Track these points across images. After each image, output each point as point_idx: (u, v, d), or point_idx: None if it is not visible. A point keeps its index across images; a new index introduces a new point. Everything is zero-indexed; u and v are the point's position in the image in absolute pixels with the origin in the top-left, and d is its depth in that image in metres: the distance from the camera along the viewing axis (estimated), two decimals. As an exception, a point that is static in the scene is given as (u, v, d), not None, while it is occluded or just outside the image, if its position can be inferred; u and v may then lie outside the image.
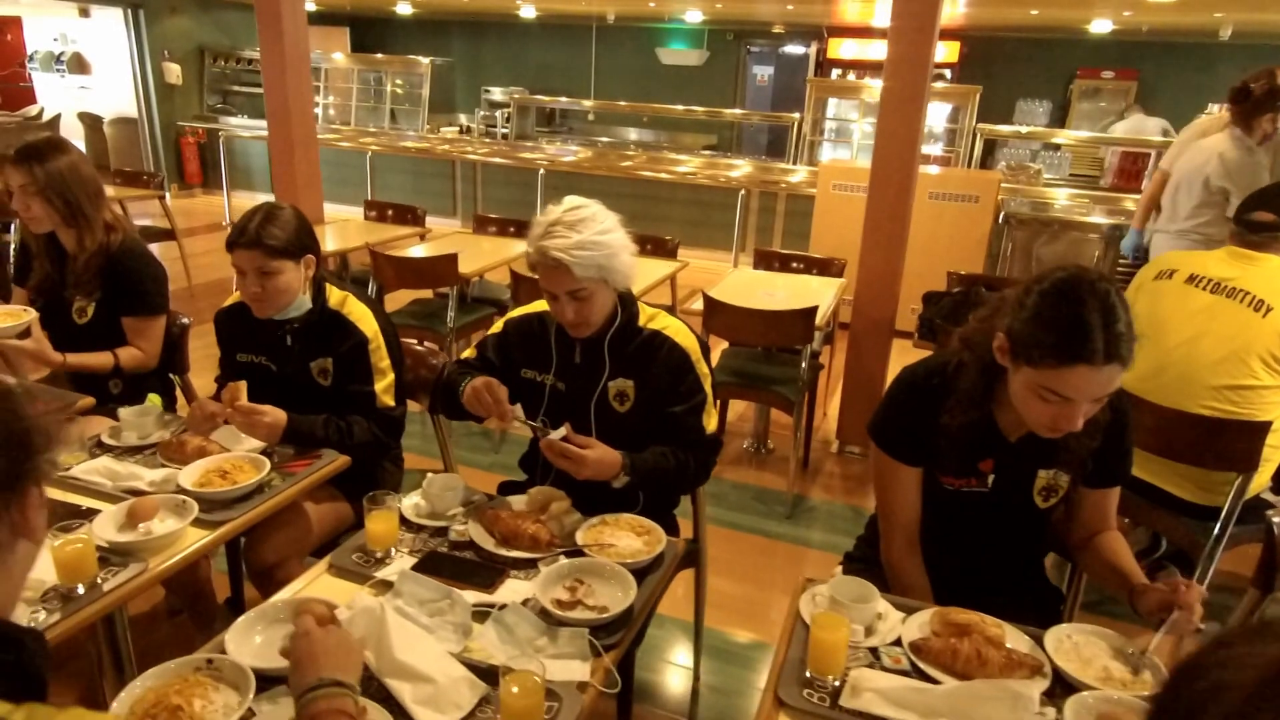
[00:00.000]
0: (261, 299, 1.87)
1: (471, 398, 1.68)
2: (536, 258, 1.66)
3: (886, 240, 3.47)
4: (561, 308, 1.70)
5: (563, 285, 1.65)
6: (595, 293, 1.69)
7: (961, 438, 1.46)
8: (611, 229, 1.68)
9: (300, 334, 1.96)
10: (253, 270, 1.83)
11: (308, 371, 1.98)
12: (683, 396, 1.77)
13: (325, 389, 1.98)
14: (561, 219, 1.65)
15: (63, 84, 11.43)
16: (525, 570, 1.48)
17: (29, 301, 2.29)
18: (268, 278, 1.83)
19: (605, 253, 1.65)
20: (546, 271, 1.66)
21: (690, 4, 8.27)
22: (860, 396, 3.73)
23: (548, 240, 1.63)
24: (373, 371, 1.96)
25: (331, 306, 1.98)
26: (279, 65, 4.17)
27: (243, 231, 1.81)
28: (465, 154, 7.82)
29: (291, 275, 1.87)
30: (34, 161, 2.09)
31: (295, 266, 1.87)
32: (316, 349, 1.97)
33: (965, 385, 1.43)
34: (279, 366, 1.99)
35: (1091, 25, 7.45)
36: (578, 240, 1.61)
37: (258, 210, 1.86)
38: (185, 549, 1.48)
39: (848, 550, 1.86)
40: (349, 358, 1.95)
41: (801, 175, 7.02)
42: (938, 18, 3.20)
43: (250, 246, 1.81)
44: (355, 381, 1.95)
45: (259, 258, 1.81)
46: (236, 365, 2.05)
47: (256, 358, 2.02)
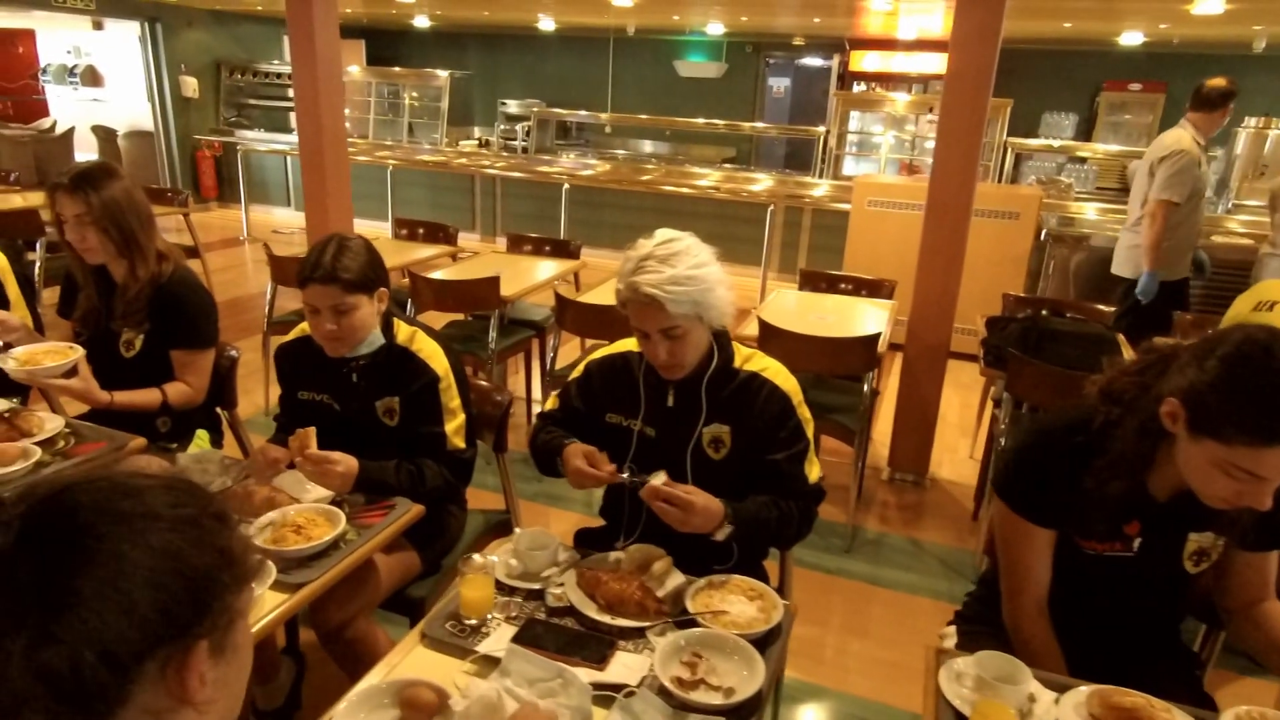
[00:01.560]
0: (337, 337, 1.76)
1: (576, 480, 1.60)
2: (627, 294, 1.55)
3: (944, 261, 3.36)
4: (654, 347, 1.59)
5: (656, 323, 1.55)
6: (690, 331, 1.58)
7: (1107, 501, 1.34)
8: (706, 263, 1.58)
9: (368, 371, 1.86)
10: (328, 307, 1.72)
11: (373, 411, 1.87)
12: (784, 443, 1.65)
13: (391, 429, 1.87)
14: (654, 253, 1.54)
15: (75, 96, 11.39)
16: (634, 641, 1.36)
17: (74, 334, 2.19)
18: (343, 315, 1.73)
19: (700, 288, 1.54)
20: (638, 308, 1.55)
21: (713, 16, 8.20)
22: (914, 422, 3.62)
23: (640, 275, 1.52)
24: (443, 412, 1.85)
25: (400, 343, 1.88)
26: (311, 81, 4.07)
27: (316, 266, 1.71)
28: (485, 169, 7.73)
29: (366, 310, 1.77)
30: (89, 189, 1.98)
31: (369, 300, 1.77)
32: (384, 388, 1.86)
33: (1122, 450, 1.29)
34: (343, 406, 1.89)
35: (1121, 37, 7.36)
36: (671, 275, 1.51)
37: (327, 242, 1.75)
38: (266, 615, 1.37)
39: (958, 609, 1.73)
40: (419, 397, 1.85)
41: (824, 189, 6.93)
42: (1000, 28, 3.10)
43: (326, 282, 1.70)
44: (425, 422, 1.85)
45: (335, 293, 1.70)
46: (297, 404, 1.94)
47: (319, 396, 1.91)
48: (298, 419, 1.94)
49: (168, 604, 0.60)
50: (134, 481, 0.64)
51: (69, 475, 0.64)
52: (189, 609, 0.61)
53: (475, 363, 3.61)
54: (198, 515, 0.64)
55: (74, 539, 0.58)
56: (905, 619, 2.74)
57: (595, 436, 1.71)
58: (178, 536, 0.62)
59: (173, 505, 0.63)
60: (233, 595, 0.66)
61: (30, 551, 0.57)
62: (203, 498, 0.67)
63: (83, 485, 0.62)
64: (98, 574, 0.57)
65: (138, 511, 0.61)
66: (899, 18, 7.55)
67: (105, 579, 0.57)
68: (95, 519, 0.60)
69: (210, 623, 0.63)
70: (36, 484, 0.63)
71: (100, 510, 0.60)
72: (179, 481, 0.67)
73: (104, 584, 0.57)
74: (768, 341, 3.05)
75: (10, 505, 0.60)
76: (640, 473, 1.74)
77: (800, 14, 7.77)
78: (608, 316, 3.28)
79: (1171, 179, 3.66)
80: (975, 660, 1.27)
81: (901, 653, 2.55)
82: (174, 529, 0.62)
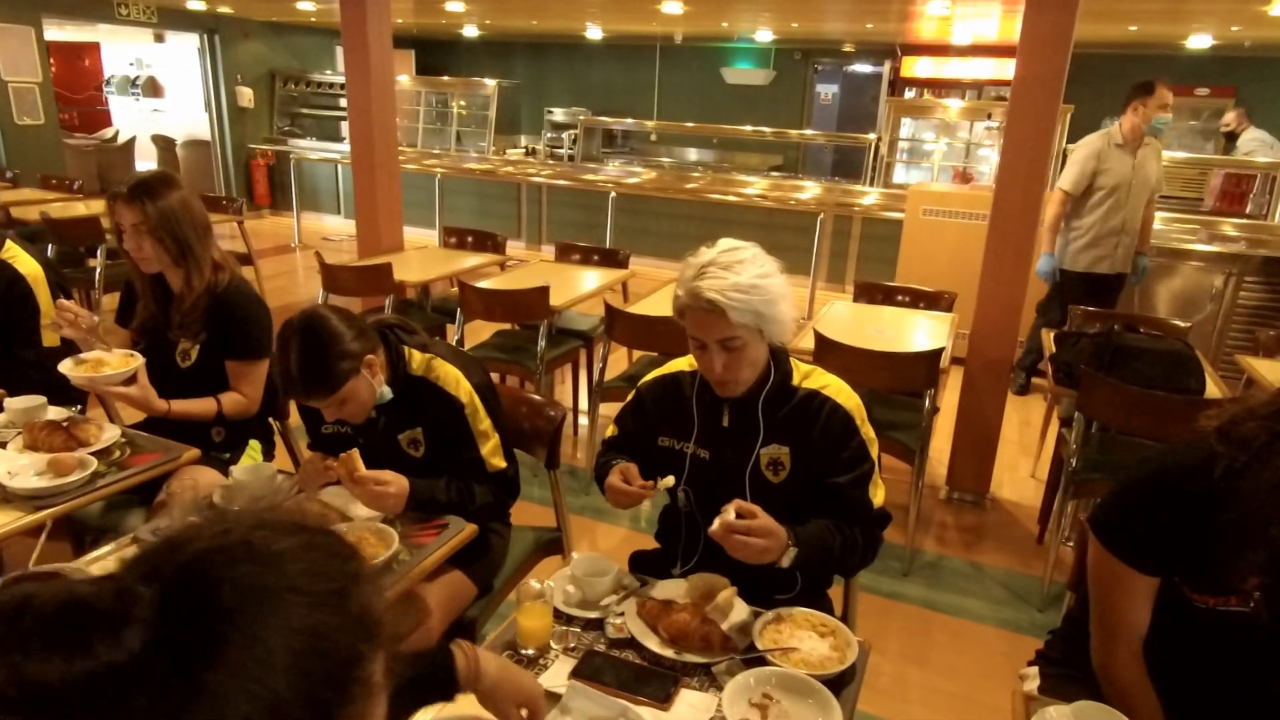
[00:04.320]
0: (350, 416, 1.69)
1: (612, 498, 1.56)
2: (687, 300, 1.48)
3: (1009, 273, 3.23)
4: (710, 359, 1.52)
5: (714, 332, 1.47)
6: (749, 344, 1.50)
7: (1230, 560, 1.22)
8: (771, 274, 1.50)
9: (386, 409, 1.78)
10: (324, 407, 1.65)
11: (397, 445, 1.81)
12: (846, 465, 1.56)
13: (417, 460, 1.81)
14: (716, 260, 1.47)
15: (137, 107, 11.75)
16: (698, 677, 1.29)
17: (132, 343, 2.19)
18: (344, 405, 1.65)
19: (764, 298, 1.46)
20: (697, 316, 1.48)
21: (762, 23, 8.11)
22: (974, 439, 3.48)
23: (701, 281, 1.45)
24: (474, 436, 1.78)
25: (416, 373, 1.78)
26: (364, 92, 4.10)
27: (290, 383, 1.59)
28: (530, 177, 7.73)
29: (362, 388, 1.65)
30: (146, 199, 1.98)
31: (359, 377, 1.64)
32: (404, 420, 1.79)
33: (1253, 506, 1.16)
34: (366, 439, 1.81)
35: (1189, 40, 7.08)
36: (734, 283, 1.44)
37: (288, 345, 1.57)
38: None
39: (1039, 648, 1.62)
40: (444, 425, 1.77)
41: (874, 198, 6.78)
42: (1071, 33, 2.97)
43: (307, 397, 1.62)
44: (459, 450, 1.78)
45: (322, 399, 1.61)
46: (323, 438, 1.88)
47: (342, 429, 1.83)
48: (326, 452, 1.87)
49: (311, 690, 0.52)
50: (273, 547, 0.55)
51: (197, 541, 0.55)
52: (331, 690, 0.54)
53: (523, 373, 3.58)
54: (341, 584, 0.57)
55: (214, 626, 0.51)
56: (968, 648, 2.62)
57: (649, 461, 1.66)
58: (322, 613, 0.55)
59: (314, 574, 0.56)
60: (373, 665, 0.59)
61: (170, 644, 0.49)
62: (342, 557, 0.59)
63: (219, 557, 0.54)
64: (239, 663, 0.50)
65: (281, 586, 0.54)
66: (954, 23, 7.38)
67: (248, 669, 0.50)
68: (237, 600, 0.52)
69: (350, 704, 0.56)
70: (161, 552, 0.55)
71: (241, 588, 0.52)
72: (318, 538, 0.59)
73: (247, 676, 0.50)
74: (824, 355, 2.96)
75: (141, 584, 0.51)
76: (692, 497, 1.68)
77: (853, 20, 7.65)
78: (659, 328, 3.22)
79: (1066, 168, 4.18)
80: (1073, 712, 1.17)
81: (966, 685, 2.43)
82: (318, 604, 0.55)
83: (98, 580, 0.51)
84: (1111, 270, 4.17)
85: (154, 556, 0.54)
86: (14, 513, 1.65)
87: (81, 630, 0.48)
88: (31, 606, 0.48)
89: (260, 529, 0.56)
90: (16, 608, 0.49)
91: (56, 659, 0.47)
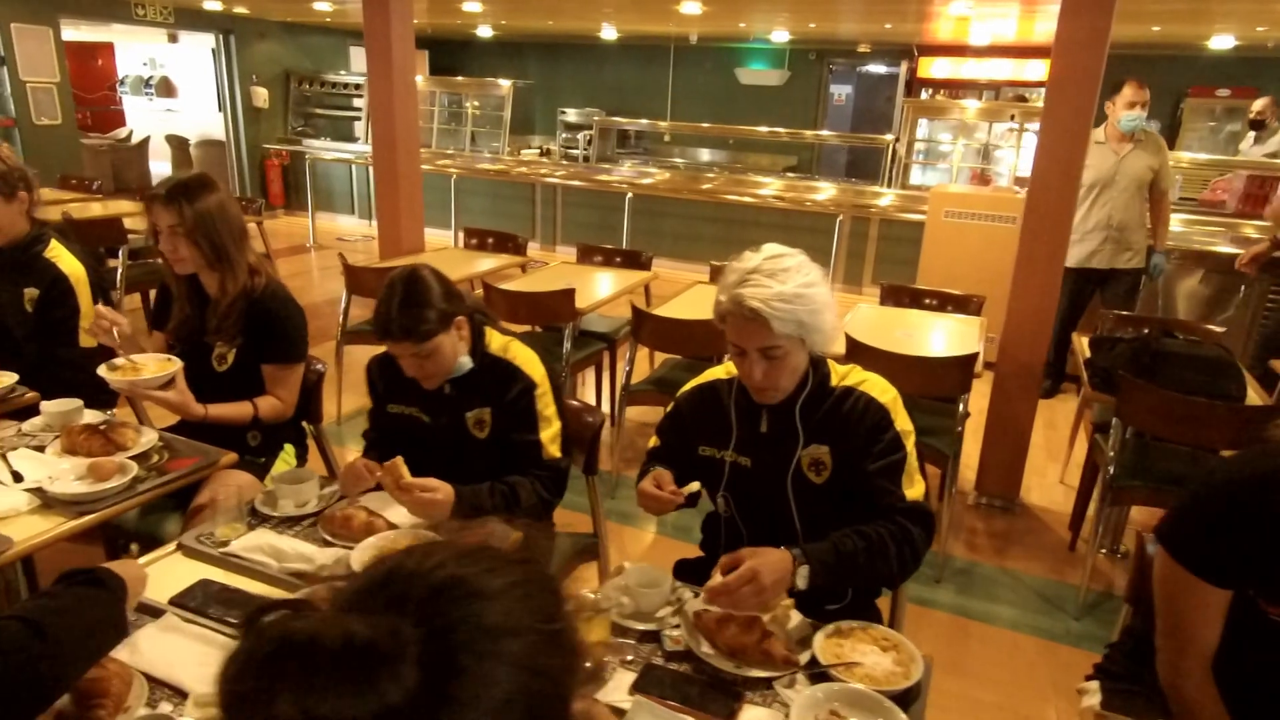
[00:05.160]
0: (428, 376, 1.75)
1: (642, 503, 1.57)
2: (729, 307, 1.46)
3: (1041, 277, 3.19)
4: (750, 367, 1.49)
5: (756, 340, 1.46)
6: (790, 353, 1.48)
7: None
8: (816, 283, 1.48)
9: (461, 382, 1.82)
10: (409, 356, 1.71)
11: (463, 423, 1.83)
12: (878, 455, 1.53)
13: (480, 441, 1.83)
14: (761, 267, 1.45)
15: (150, 107, 11.79)
16: (760, 692, 1.26)
17: (167, 346, 2.18)
18: (425, 358, 1.71)
19: (808, 308, 1.44)
20: (739, 324, 1.46)
21: (779, 24, 8.08)
22: (1004, 444, 3.44)
23: (745, 289, 1.43)
24: (538, 419, 1.81)
25: (494, 353, 1.84)
26: (386, 93, 4.08)
27: (387, 324, 1.67)
28: (544, 178, 7.70)
29: (447, 347, 1.73)
30: (183, 200, 1.96)
31: (448, 334, 1.72)
32: (476, 399, 1.83)
33: None
34: (432, 418, 1.85)
35: (1211, 41, 7.02)
36: (778, 291, 1.41)
37: (393, 290, 1.69)
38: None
39: (1097, 663, 1.59)
40: (515, 405, 1.80)
41: (891, 199, 6.74)
42: (1108, 33, 2.93)
43: (401, 339, 1.68)
44: (521, 430, 1.80)
45: (411, 346, 1.68)
46: (387, 417, 1.91)
47: (408, 409, 1.88)
48: (387, 432, 1.92)
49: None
50: (498, 583, 0.55)
51: (430, 576, 0.54)
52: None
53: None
54: (560, 624, 0.57)
55: (461, 664, 0.51)
56: (1006, 658, 2.58)
57: (691, 470, 1.64)
58: (546, 651, 0.55)
59: (537, 611, 0.56)
60: (577, 702, 0.58)
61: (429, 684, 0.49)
62: (557, 593, 0.59)
63: (456, 592, 0.53)
64: (477, 702, 0.50)
65: (505, 626, 0.53)
66: (972, 23, 7.34)
67: (484, 708, 0.50)
68: (472, 638, 0.52)
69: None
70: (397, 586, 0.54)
71: (476, 627, 0.52)
72: (532, 574, 0.58)
73: (482, 713, 0.50)
74: (855, 359, 2.90)
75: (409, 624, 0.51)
76: (733, 503, 1.66)
77: (873, 20, 7.61)
78: (686, 331, 3.20)
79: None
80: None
81: (1005, 695, 2.40)
82: (542, 642, 0.55)
83: (364, 618, 0.50)
84: (1104, 265, 4.21)
85: (389, 591, 0.53)
86: (56, 518, 1.63)
87: (368, 670, 0.48)
88: (319, 645, 0.48)
89: (480, 563, 0.56)
90: (304, 645, 0.48)
91: (347, 698, 0.47)
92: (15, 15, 7.02)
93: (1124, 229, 4.15)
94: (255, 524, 1.66)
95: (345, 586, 0.55)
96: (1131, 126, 4.08)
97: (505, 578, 0.56)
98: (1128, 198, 4.13)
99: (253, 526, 1.64)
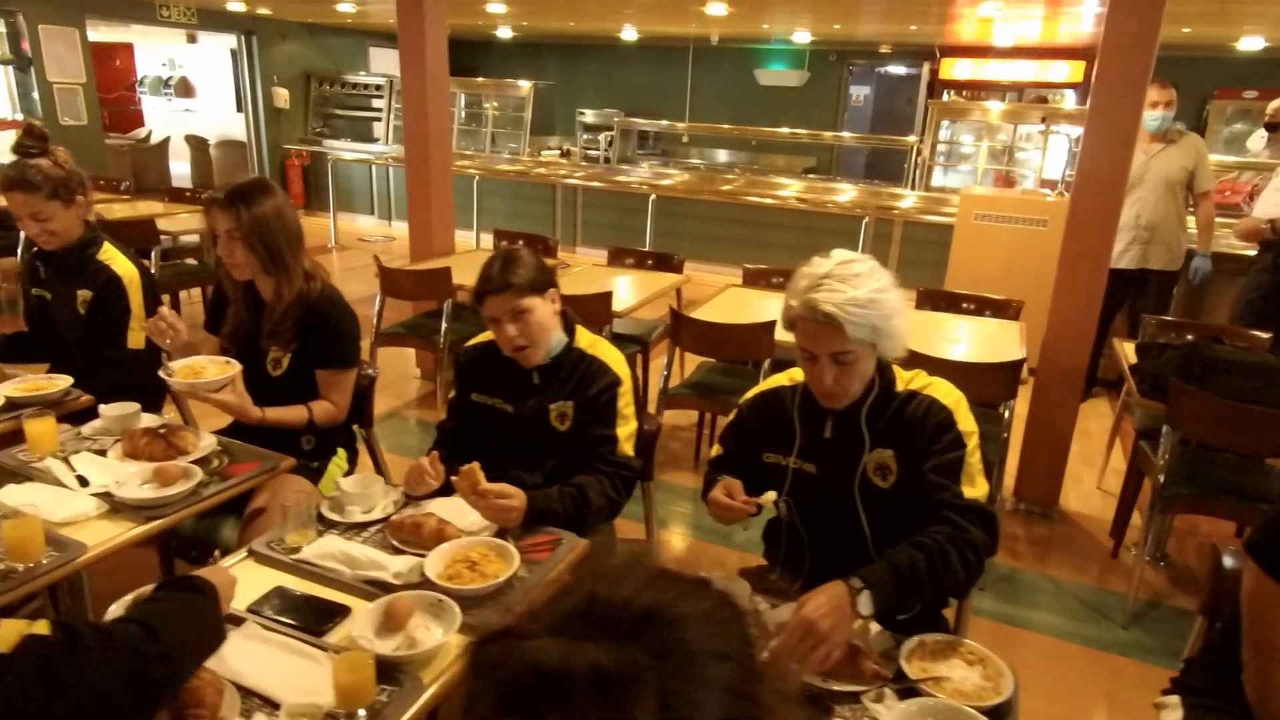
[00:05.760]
0: (524, 343, 1.80)
1: (713, 512, 1.57)
2: (801, 312, 1.44)
3: (1085, 282, 3.16)
4: (820, 372, 1.48)
5: (828, 345, 1.45)
6: (861, 358, 1.48)
7: None
8: (888, 288, 1.47)
9: (549, 373, 1.88)
10: (506, 313, 1.77)
11: (546, 414, 1.88)
12: (936, 454, 1.51)
13: (560, 434, 1.87)
14: (834, 272, 1.44)
15: (169, 107, 11.85)
16: (849, 706, 1.24)
17: (221, 349, 2.18)
18: (521, 318, 1.78)
19: (881, 314, 1.43)
20: (811, 329, 1.45)
21: (802, 25, 8.05)
22: (1044, 450, 3.42)
23: (818, 293, 1.42)
24: (618, 416, 1.85)
25: (582, 348, 1.90)
26: (420, 95, 4.08)
27: (488, 279, 1.78)
28: (563, 179, 7.68)
29: (542, 311, 1.81)
30: (241, 205, 1.97)
31: (543, 301, 1.81)
32: (562, 391, 1.87)
33: None
34: (516, 407, 1.90)
35: (1240, 43, 6.96)
36: (853, 296, 1.40)
37: (494, 258, 1.82)
38: (450, 659, 1.30)
39: (1175, 677, 1.57)
40: (598, 399, 1.85)
41: (912, 201, 6.70)
42: (1157, 32, 2.90)
43: (500, 291, 1.76)
44: (599, 424, 1.84)
45: (510, 299, 1.76)
46: (470, 406, 1.96)
47: (492, 399, 1.93)
48: (466, 422, 1.97)
49: None
50: (690, 610, 0.54)
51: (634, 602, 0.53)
52: None
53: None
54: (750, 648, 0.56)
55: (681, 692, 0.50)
56: (1058, 668, 2.56)
57: (756, 477, 1.63)
58: (746, 680, 0.54)
59: (732, 637, 0.55)
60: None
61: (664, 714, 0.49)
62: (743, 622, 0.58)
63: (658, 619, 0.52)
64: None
65: (713, 651, 0.53)
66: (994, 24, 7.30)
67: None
68: (686, 665, 0.51)
69: None
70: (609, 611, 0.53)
71: (687, 655, 0.52)
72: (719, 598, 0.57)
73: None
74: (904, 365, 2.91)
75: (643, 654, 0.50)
76: (794, 508, 1.65)
77: (897, 21, 7.57)
78: (726, 335, 3.18)
79: None
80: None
81: (1064, 707, 2.37)
82: (741, 669, 0.54)
83: (598, 646, 0.50)
84: (1133, 265, 4.17)
85: (596, 617, 0.53)
86: (124, 523, 1.63)
87: (617, 697, 0.48)
88: (571, 674, 0.48)
89: (670, 587, 0.55)
90: (558, 675, 0.48)
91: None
92: (43, 16, 7.06)
93: (1153, 229, 4.12)
94: (323, 530, 1.65)
95: (543, 613, 0.54)
96: (1154, 127, 4.05)
97: (700, 603, 0.55)
98: (1156, 198, 4.09)
99: (321, 533, 1.64)
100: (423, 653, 1.27)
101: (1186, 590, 2.96)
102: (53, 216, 2.27)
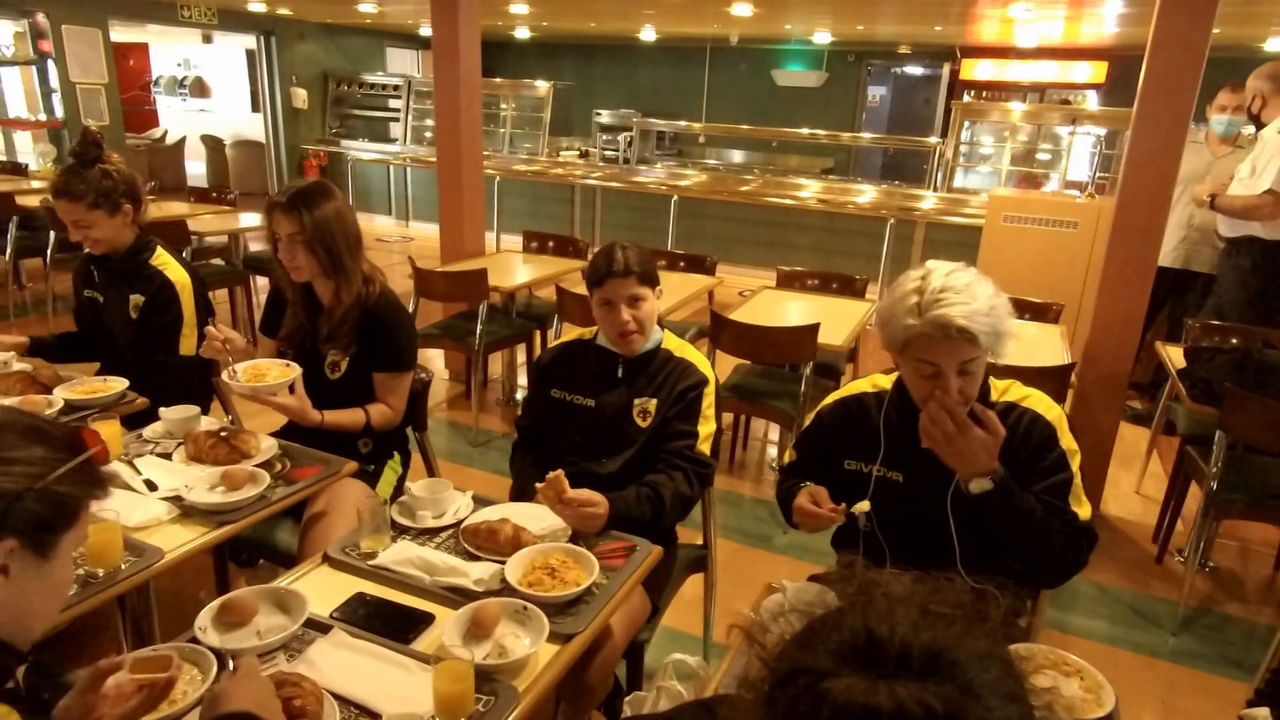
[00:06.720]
0: (635, 329, 1.87)
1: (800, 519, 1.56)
2: (925, 329, 1.40)
3: (1130, 286, 3.13)
4: (946, 385, 1.44)
5: (958, 356, 1.42)
6: (983, 364, 1.47)
7: None
8: (995, 291, 1.46)
9: (635, 368, 1.92)
10: (626, 297, 1.84)
11: (629, 409, 1.90)
12: (1044, 474, 1.51)
13: (640, 429, 1.89)
14: (949, 285, 1.41)
15: (183, 107, 11.88)
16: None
17: (277, 352, 2.17)
18: (637, 305, 1.86)
19: (1000, 318, 1.42)
20: (936, 344, 1.41)
21: (822, 26, 8.03)
22: (1087, 456, 3.31)
23: (944, 309, 1.38)
24: (700, 415, 1.87)
25: (669, 349, 1.95)
26: (453, 98, 4.08)
27: (612, 263, 1.85)
28: (581, 179, 7.66)
29: (652, 303, 1.90)
30: (304, 208, 1.96)
31: (654, 294, 1.90)
32: (648, 388, 1.90)
33: None
34: (598, 401, 1.93)
35: (1267, 44, 6.92)
36: (977, 307, 1.38)
37: (613, 248, 1.89)
38: (540, 668, 1.28)
39: (1258, 687, 1.55)
40: (684, 396, 1.88)
41: (933, 202, 6.67)
42: (1209, 32, 2.88)
43: (624, 275, 1.84)
44: (682, 420, 1.87)
45: (631, 284, 1.84)
46: (549, 401, 1.98)
47: (572, 395, 1.96)
48: (545, 417, 2.00)
49: None
50: (970, 649, 0.54)
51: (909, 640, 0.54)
52: None
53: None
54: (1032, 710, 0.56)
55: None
56: (1112, 674, 2.48)
57: (833, 484, 1.62)
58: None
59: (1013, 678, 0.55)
60: None
61: None
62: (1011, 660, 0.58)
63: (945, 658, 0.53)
64: None
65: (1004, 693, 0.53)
66: (1016, 25, 7.27)
67: None
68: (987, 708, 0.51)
69: None
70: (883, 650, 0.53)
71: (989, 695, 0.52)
72: (998, 650, 0.56)
73: None
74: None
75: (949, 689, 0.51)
76: (875, 520, 1.63)
77: (920, 22, 7.54)
78: (769, 338, 3.17)
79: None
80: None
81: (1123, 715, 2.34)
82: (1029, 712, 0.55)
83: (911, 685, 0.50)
84: (1178, 265, 4.16)
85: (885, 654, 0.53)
86: (197, 528, 1.63)
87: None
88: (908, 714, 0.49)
89: (939, 622, 0.54)
90: (894, 715, 0.49)
91: None
92: (67, 17, 7.08)
93: (1205, 231, 4.08)
94: (396, 536, 1.64)
95: (813, 646, 0.53)
96: (1222, 130, 4.05)
97: (977, 642, 0.55)
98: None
99: (394, 539, 1.62)
100: (515, 661, 1.25)
101: (1234, 596, 2.93)
102: (94, 225, 2.28)
